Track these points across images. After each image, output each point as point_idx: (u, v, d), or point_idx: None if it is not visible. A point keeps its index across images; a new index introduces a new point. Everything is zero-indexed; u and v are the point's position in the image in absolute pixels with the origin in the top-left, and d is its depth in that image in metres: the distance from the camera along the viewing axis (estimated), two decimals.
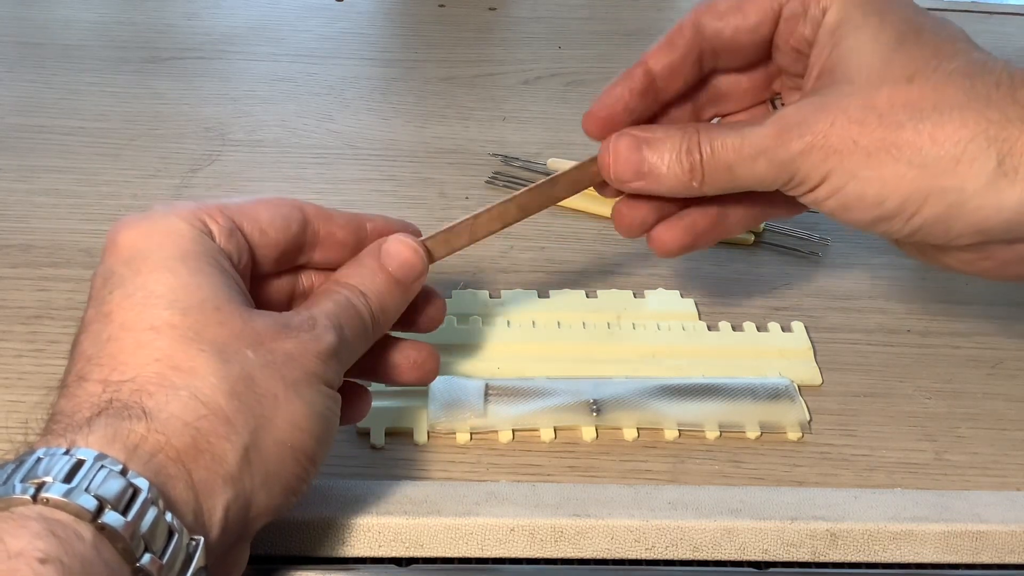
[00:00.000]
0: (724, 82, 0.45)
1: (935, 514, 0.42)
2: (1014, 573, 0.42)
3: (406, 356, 0.43)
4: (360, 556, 0.41)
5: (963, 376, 0.51)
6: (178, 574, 0.31)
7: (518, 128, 0.70)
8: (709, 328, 0.52)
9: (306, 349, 0.36)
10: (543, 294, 0.54)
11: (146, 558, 0.30)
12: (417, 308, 0.43)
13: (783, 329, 0.52)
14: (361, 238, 0.42)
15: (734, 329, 0.52)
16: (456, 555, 0.41)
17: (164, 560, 0.30)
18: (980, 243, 0.39)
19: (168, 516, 0.31)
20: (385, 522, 0.40)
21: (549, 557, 0.41)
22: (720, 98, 0.45)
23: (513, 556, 0.41)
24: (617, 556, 0.41)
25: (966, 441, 0.47)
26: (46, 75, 0.73)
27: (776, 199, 0.43)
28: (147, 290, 0.35)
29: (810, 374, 0.50)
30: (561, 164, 0.64)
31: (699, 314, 0.53)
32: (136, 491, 0.30)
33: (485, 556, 0.41)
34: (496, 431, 0.46)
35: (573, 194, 0.45)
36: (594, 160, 0.43)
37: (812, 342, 0.51)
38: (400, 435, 0.46)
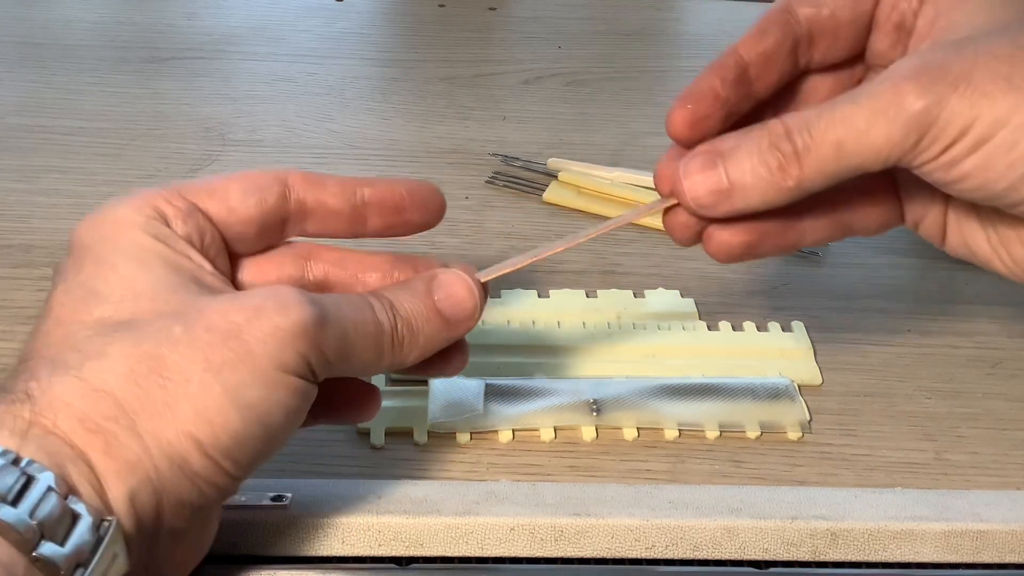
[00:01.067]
0: (811, 85, 0.41)
1: (935, 514, 0.42)
2: (1014, 573, 0.42)
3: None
4: (360, 555, 0.41)
5: (963, 376, 0.51)
6: (89, 559, 0.29)
7: (518, 128, 0.70)
8: (709, 328, 0.52)
9: (260, 321, 0.32)
10: (543, 294, 0.54)
11: (46, 547, 0.28)
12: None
13: (783, 329, 0.52)
14: (357, 207, 0.38)
15: (734, 329, 0.52)
16: (456, 554, 0.41)
17: (67, 548, 0.28)
18: None
19: (71, 500, 0.29)
20: (385, 522, 0.40)
21: (549, 556, 0.41)
22: (802, 106, 0.40)
23: (513, 555, 0.41)
24: (617, 555, 0.41)
25: (966, 441, 0.47)
26: (46, 75, 0.73)
27: (865, 203, 0.39)
28: (85, 287, 0.33)
29: (810, 374, 0.50)
30: (561, 164, 0.64)
31: (699, 314, 0.53)
32: (30, 479, 0.28)
33: (485, 555, 0.41)
34: (496, 431, 0.46)
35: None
36: (653, 207, 0.39)
37: (812, 342, 0.51)
38: (400, 435, 0.46)
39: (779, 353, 0.51)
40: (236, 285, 0.38)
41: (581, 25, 0.86)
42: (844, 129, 0.34)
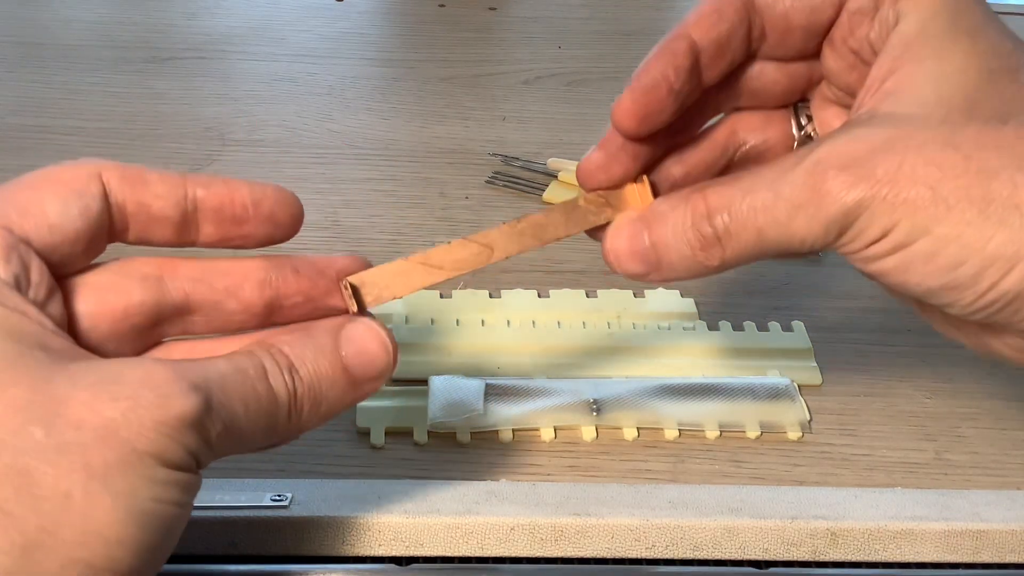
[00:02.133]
0: (758, 71, 0.37)
1: (935, 513, 0.42)
2: (1014, 572, 0.42)
3: None
4: (360, 555, 0.41)
5: (963, 376, 0.51)
6: None
7: (518, 128, 0.70)
8: (709, 328, 0.52)
9: (140, 417, 0.26)
10: (543, 294, 0.54)
11: None
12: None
13: (783, 329, 0.52)
14: (187, 212, 0.32)
15: (734, 329, 0.52)
16: (456, 554, 0.41)
17: None
18: None
19: None
20: (385, 521, 0.40)
21: (549, 556, 0.41)
22: (746, 93, 0.38)
23: (513, 555, 0.41)
24: (617, 555, 0.41)
25: (966, 441, 0.47)
26: (47, 75, 0.73)
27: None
28: None
29: (810, 374, 0.50)
30: (561, 164, 0.64)
31: (699, 314, 0.53)
32: None
33: (485, 555, 0.41)
34: (496, 431, 0.46)
35: (568, 234, 0.37)
36: (578, 203, 0.36)
37: (812, 342, 0.51)
38: (400, 435, 0.46)
39: (779, 353, 0.51)
40: (75, 329, 0.30)
41: (581, 25, 0.86)
42: (764, 219, 0.32)
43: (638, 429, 0.46)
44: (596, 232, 0.36)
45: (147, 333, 0.32)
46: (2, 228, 0.28)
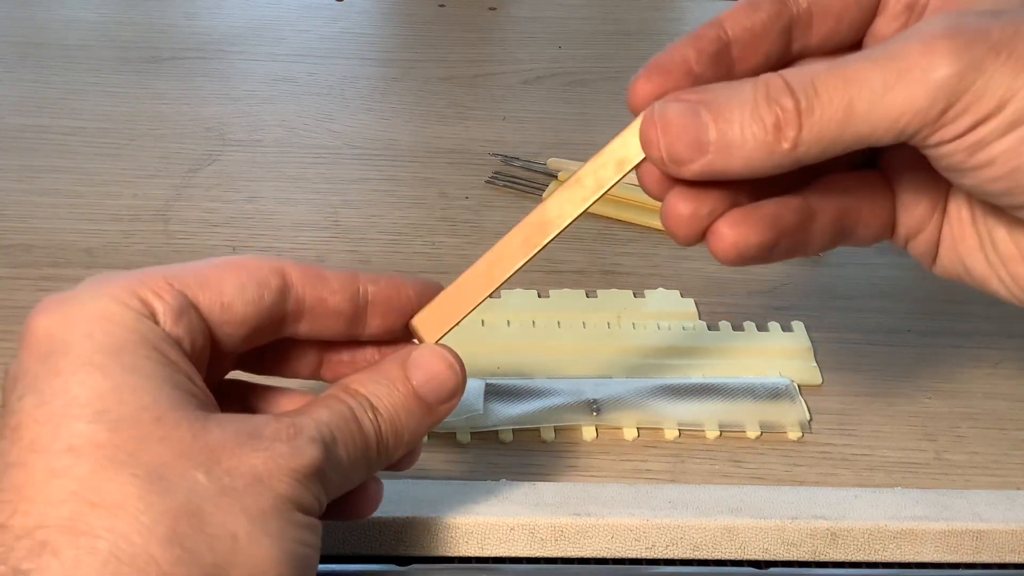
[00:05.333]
0: None
1: (935, 513, 0.42)
2: (1014, 572, 0.42)
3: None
4: (360, 555, 0.41)
5: (963, 376, 0.51)
6: None
7: (518, 128, 0.70)
8: (709, 328, 0.52)
9: (279, 466, 0.28)
10: (543, 294, 0.54)
11: None
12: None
13: (783, 329, 0.52)
14: (359, 306, 0.33)
15: (734, 329, 0.52)
16: (456, 554, 0.41)
17: None
18: None
19: None
20: (385, 521, 0.40)
21: (549, 556, 0.41)
22: None
23: (513, 555, 0.41)
24: (617, 555, 0.41)
25: (966, 441, 0.47)
26: (46, 75, 0.73)
27: (866, 207, 0.35)
28: (67, 396, 0.27)
29: (810, 374, 0.50)
30: (561, 164, 0.64)
31: (699, 314, 0.53)
32: None
33: (485, 555, 0.41)
34: (496, 431, 0.46)
35: (594, 200, 0.34)
36: (625, 143, 0.32)
37: (812, 342, 0.51)
38: None
39: (779, 353, 0.51)
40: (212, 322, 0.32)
41: (581, 25, 0.86)
42: (857, 88, 0.28)
43: (638, 429, 0.46)
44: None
45: (265, 334, 0.33)
46: (178, 292, 0.30)
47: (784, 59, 0.34)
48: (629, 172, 0.33)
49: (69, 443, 0.27)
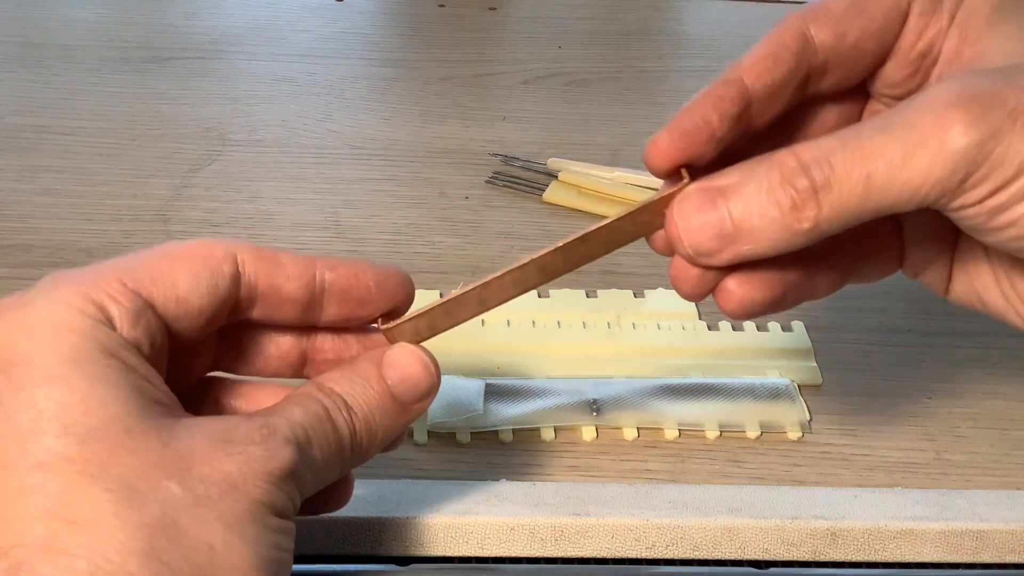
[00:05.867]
0: (812, 115, 0.36)
1: (935, 513, 0.42)
2: (1014, 572, 0.42)
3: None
4: (360, 555, 0.41)
5: (963, 376, 0.51)
6: None
7: (518, 128, 0.70)
8: (709, 328, 0.52)
9: (253, 470, 0.28)
10: (543, 294, 0.54)
11: None
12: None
13: (783, 329, 0.52)
14: (315, 294, 0.33)
15: (734, 329, 0.52)
16: (456, 554, 0.41)
17: None
18: None
19: None
20: (385, 521, 0.40)
21: (549, 556, 0.41)
22: (798, 132, 0.36)
23: (513, 555, 0.41)
24: (617, 555, 0.41)
25: (966, 441, 0.47)
26: (46, 75, 0.73)
27: (872, 249, 0.36)
28: (34, 410, 0.27)
29: (810, 374, 0.50)
30: (561, 164, 0.64)
31: (699, 314, 0.53)
32: None
33: (485, 555, 0.41)
34: (496, 431, 0.46)
35: (612, 251, 0.34)
36: (644, 209, 0.33)
37: (812, 342, 0.51)
38: None
39: (779, 353, 0.51)
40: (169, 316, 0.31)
41: (581, 25, 0.86)
42: (875, 162, 0.29)
43: (638, 429, 0.46)
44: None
45: (218, 320, 0.32)
46: (133, 292, 0.29)
47: (797, 108, 0.34)
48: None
49: (39, 459, 0.26)
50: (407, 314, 0.34)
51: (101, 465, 0.26)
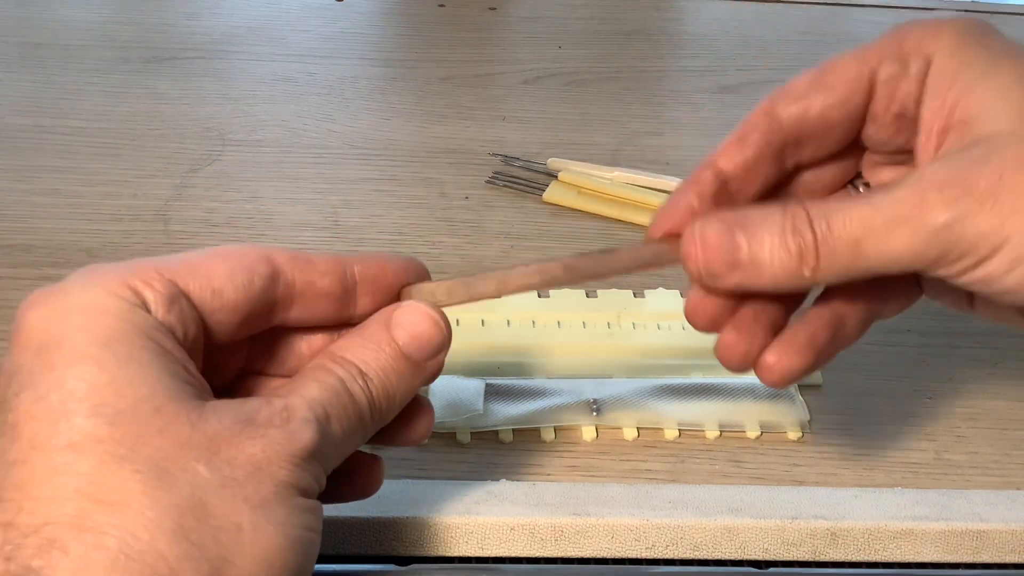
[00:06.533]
0: (807, 179, 0.38)
1: (935, 513, 0.42)
2: (1014, 573, 0.42)
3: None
4: (360, 555, 0.41)
5: (963, 376, 0.51)
6: None
7: (518, 128, 0.70)
8: None
9: (276, 452, 0.29)
10: (543, 294, 0.54)
11: None
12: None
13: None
14: (348, 287, 0.34)
15: None
16: (456, 554, 0.41)
17: None
18: None
19: None
20: (385, 521, 0.40)
21: (549, 556, 0.41)
22: (804, 195, 0.38)
23: (513, 555, 0.41)
24: (617, 555, 0.41)
25: (966, 441, 0.47)
26: (46, 75, 0.73)
27: (894, 289, 0.37)
28: (64, 390, 0.27)
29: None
30: (561, 164, 0.64)
31: None
32: None
33: (485, 555, 0.41)
34: (496, 431, 0.46)
35: (633, 271, 0.36)
36: (666, 242, 0.35)
37: None
38: None
39: None
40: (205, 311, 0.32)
41: (581, 25, 0.86)
42: (863, 230, 0.32)
43: (638, 429, 0.46)
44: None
45: (257, 321, 0.33)
46: (169, 281, 0.30)
47: (782, 175, 0.37)
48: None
49: (69, 439, 0.27)
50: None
51: (131, 446, 0.27)
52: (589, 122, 0.71)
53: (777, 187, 0.37)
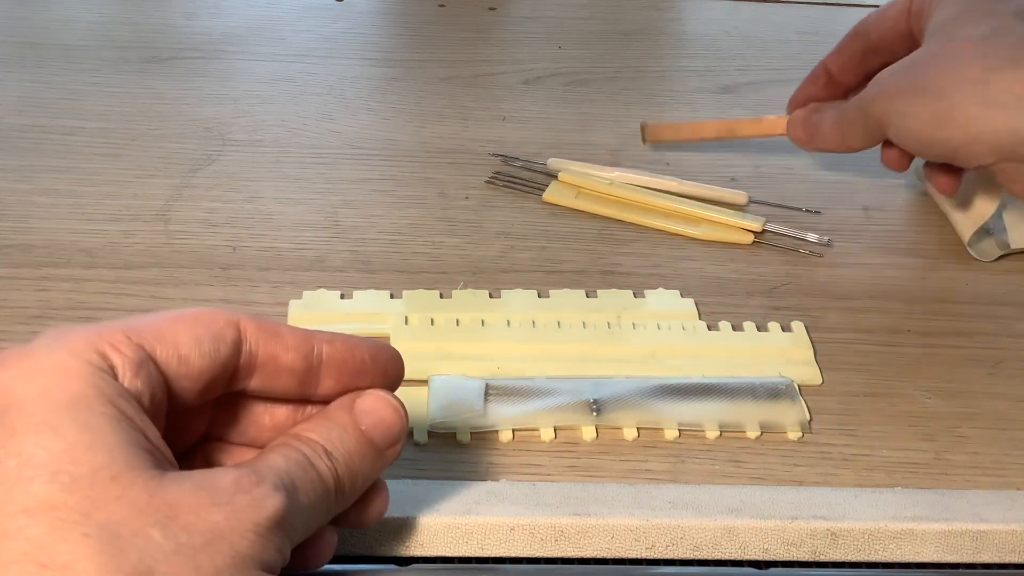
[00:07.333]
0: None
1: (935, 513, 0.42)
2: (1014, 573, 0.42)
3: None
4: (360, 555, 0.41)
5: (963, 376, 0.51)
6: None
7: (518, 128, 0.70)
8: (709, 328, 0.52)
9: (241, 520, 0.28)
10: (543, 294, 0.54)
11: None
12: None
13: (783, 329, 0.52)
14: (313, 366, 0.33)
15: (734, 329, 0.52)
16: (456, 554, 0.41)
17: None
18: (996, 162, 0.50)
19: None
20: (385, 521, 0.40)
21: (549, 556, 0.41)
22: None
23: (513, 555, 0.41)
24: (617, 555, 0.41)
25: (966, 441, 0.47)
26: (46, 75, 0.73)
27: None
28: (22, 456, 0.27)
29: (810, 374, 0.50)
30: (561, 164, 0.64)
31: (699, 314, 0.53)
32: None
33: (485, 555, 0.41)
34: (496, 431, 0.46)
35: (767, 137, 0.64)
36: (775, 122, 0.62)
37: (812, 342, 0.51)
38: None
39: (779, 353, 0.51)
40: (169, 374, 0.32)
41: (581, 25, 0.86)
42: (849, 124, 0.56)
43: (638, 429, 0.46)
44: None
45: (218, 387, 0.33)
46: (137, 344, 0.30)
47: (866, 74, 0.58)
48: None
49: (23, 505, 0.26)
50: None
51: (85, 512, 0.27)
52: (589, 122, 0.71)
53: (865, 79, 0.57)
